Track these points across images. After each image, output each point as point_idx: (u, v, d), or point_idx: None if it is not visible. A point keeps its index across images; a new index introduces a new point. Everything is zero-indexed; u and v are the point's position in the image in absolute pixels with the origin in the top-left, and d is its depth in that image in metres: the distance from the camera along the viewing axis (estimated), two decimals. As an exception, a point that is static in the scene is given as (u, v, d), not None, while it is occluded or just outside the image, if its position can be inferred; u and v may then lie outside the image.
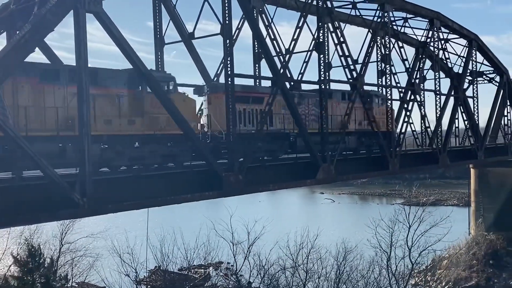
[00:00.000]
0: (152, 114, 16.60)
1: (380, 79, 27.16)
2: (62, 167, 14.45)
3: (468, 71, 36.05)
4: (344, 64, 24.17)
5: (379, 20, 26.35)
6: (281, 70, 20.76)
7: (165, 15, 22.44)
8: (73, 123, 14.17)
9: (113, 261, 27.96)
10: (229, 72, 17.77)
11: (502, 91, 40.58)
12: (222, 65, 21.49)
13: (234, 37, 21.46)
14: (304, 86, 24.65)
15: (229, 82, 17.68)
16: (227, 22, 17.96)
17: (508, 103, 42.42)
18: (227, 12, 17.92)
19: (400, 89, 29.97)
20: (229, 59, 17.83)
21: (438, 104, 32.81)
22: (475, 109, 37.42)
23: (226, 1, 17.88)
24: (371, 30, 27.03)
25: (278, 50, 24.48)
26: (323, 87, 22.21)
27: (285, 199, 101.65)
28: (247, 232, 26.27)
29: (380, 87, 27.64)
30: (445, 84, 36.44)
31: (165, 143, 17.31)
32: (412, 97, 29.46)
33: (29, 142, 12.50)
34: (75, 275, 28.94)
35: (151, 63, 22.18)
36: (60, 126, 14.13)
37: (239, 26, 23.29)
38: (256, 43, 23.66)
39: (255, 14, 23.01)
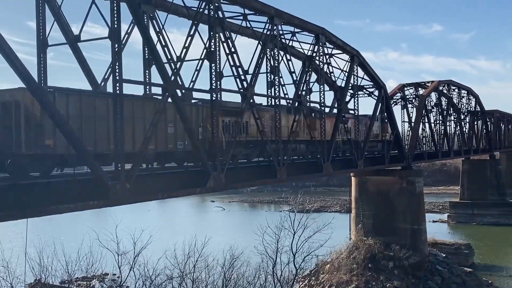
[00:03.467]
0: None
1: (269, 90, 27.90)
2: None
3: (350, 85, 38.10)
4: (235, 74, 24.51)
5: (268, 32, 27.06)
6: (172, 78, 20.57)
7: (49, 16, 21.29)
8: None
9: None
10: (117, 78, 17.27)
11: (380, 104, 43.35)
12: (110, 70, 20.82)
13: (123, 42, 20.89)
14: (196, 95, 24.65)
15: (117, 88, 17.18)
16: (115, 26, 17.46)
17: (386, 116, 45.39)
18: (115, 15, 17.42)
19: (288, 100, 30.99)
20: (117, 64, 17.33)
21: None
22: (356, 121, 39.59)
23: (115, 4, 17.37)
24: (261, 42, 27.67)
25: (169, 57, 24.22)
26: (214, 96, 22.35)
27: (175, 208, 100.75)
28: (133, 242, 25.59)
29: (271, 98, 28.37)
30: (330, 96, 38.34)
31: None
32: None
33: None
34: None
35: (32, 66, 20.90)
36: None
37: (129, 31, 22.74)
38: (146, 49, 23.24)
39: (145, 20, 22.62)
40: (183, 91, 22.73)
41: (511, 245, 63.68)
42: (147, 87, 23.75)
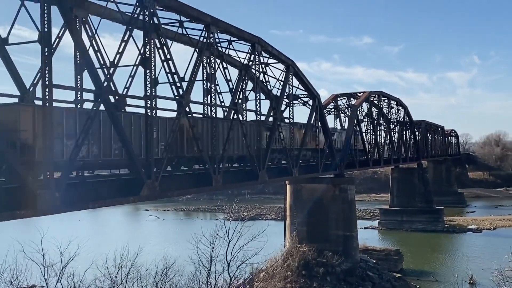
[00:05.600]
0: None
1: (205, 98, 27.80)
2: None
3: (285, 94, 38.66)
4: (171, 81, 24.25)
5: (205, 40, 27.00)
6: (105, 83, 20.09)
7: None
8: None
9: None
10: (46, 83, 16.66)
11: (314, 113, 44.25)
12: (39, 74, 20.05)
13: (54, 46, 20.18)
14: (130, 101, 24.16)
15: (46, 94, 16.56)
16: (46, 29, 16.85)
17: (319, 125, 46.37)
18: (46, 19, 16.81)
19: (224, 108, 31.00)
20: (47, 68, 16.72)
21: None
22: (291, 129, 40.18)
23: (45, 7, 16.76)
24: (197, 49, 27.56)
25: (102, 62, 23.64)
26: (149, 102, 22.00)
27: (108, 217, 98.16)
28: (60, 253, 24.63)
29: (207, 106, 28.25)
30: (265, 105, 38.71)
31: None
32: (235, 117, 30.63)
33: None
34: None
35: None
36: None
37: (60, 35, 21.99)
38: (78, 53, 22.56)
39: (77, 24, 21.98)
40: (117, 97, 22.25)
41: (437, 250, 66.46)
42: (79, 93, 23.03)
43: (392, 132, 75.60)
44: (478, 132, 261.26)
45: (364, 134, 61.96)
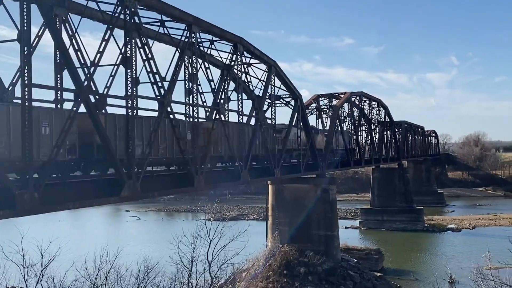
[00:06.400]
0: None
1: (187, 98, 27.68)
2: None
3: (268, 94, 38.72)
4: (152, 80, 24.12)
5: (186, 40, 26.90)
6: (85, 83, 19.92)
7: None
8: None
9: None
10: (26, 82, 16.46)
11: (296, 114, 44.38)
12: (18, 73, 19.78)
13: (33, 45, 19.94)
14: (111, 101, 23.97)
15: (26, 93, 16.36)
16: (25, 28, 16.64)
17: (302, 126, 46.51)
18: (25, 17, 16.61)
19: (206, 108, 30.91)
20: (26, 68, 16.52)
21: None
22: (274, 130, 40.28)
23: (25, 6, 16.56)
24: (179, 49, 27.45)
25: (82, 61, 23.41)
26: (130, 102, 21.87)
27: (89, 217, 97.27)
28: (41, 254, 24.35)
29: (188, 106, 28.13)
30: (247, 105, 38.70)
31: None
32: (217, 117, 30.58)
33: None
34: None
35: None
36: None
37: (39, 34, 21.72)
38: (58, 52, 22.31)
39: (57, 23, 21.73)
40: (97, 97, 22.05)
41: (417, 249, 67.18)
42: (59, 92, 22.77)
43: (373, 133, 76.21)
44: (458, 133, 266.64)
45: (345, 134, 62.35)
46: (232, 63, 32.53)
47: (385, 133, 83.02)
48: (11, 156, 16.56)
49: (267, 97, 38.92)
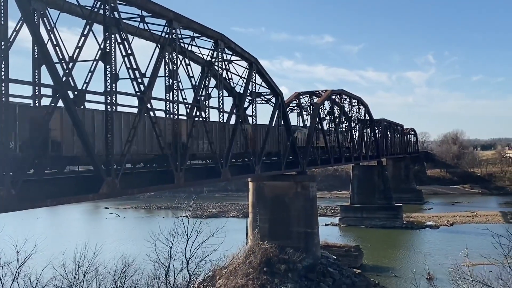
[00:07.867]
0: None
1: (167, 94, 27.48)
2: None
3: (248, 91, 38.68)
4: (132, 76, 23.88)
5: (167, 36, 26.70)
6: (64, 78, 19.65)
7: None
8: None
9: None
10: (3, 77, 16.18)
11: (277, 111, 44.44)
12: (-5, 68, 19.40)
13: (11, 40, 19.60)
14: (90, 97, 23.68)
15: (3, 89, 16.08)
16: (2, 22, 16.35)
17: (282, 123, 46.57)
18: (2, 11, 16.31)
19: (186, 105, 30.72)
20: (3, 63, 16.24)
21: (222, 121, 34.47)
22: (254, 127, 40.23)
23: (1, 0, 16.27)
24: (159, 45, 27.23)
25: (61, 57, 23.06)
26: (109, 98, 21.64)
27: (67, 215, 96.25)
28: (16, 251, 23.99)
29: (169, 102, 27.95)
30: (228, 102, 38.63)
31: None
32: (198, 113, 30.45)
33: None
34: None
35: None
36: None
37: (17, 28, 21.35)
38: (36, 48, 21.96)
39: (35, 17, 21.37)
40: (76, 93, 21.75)
41: (396, 246, 67.95)
42: (36, 88, 22.42)
43: (353, 130, 76.71)
44: (436, 131, 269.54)
45: (325, 132, 62.60)
46: (213, 60, 32.40)
47: (365, 131, 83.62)
48: None
49: (248, 94, 38.88)
